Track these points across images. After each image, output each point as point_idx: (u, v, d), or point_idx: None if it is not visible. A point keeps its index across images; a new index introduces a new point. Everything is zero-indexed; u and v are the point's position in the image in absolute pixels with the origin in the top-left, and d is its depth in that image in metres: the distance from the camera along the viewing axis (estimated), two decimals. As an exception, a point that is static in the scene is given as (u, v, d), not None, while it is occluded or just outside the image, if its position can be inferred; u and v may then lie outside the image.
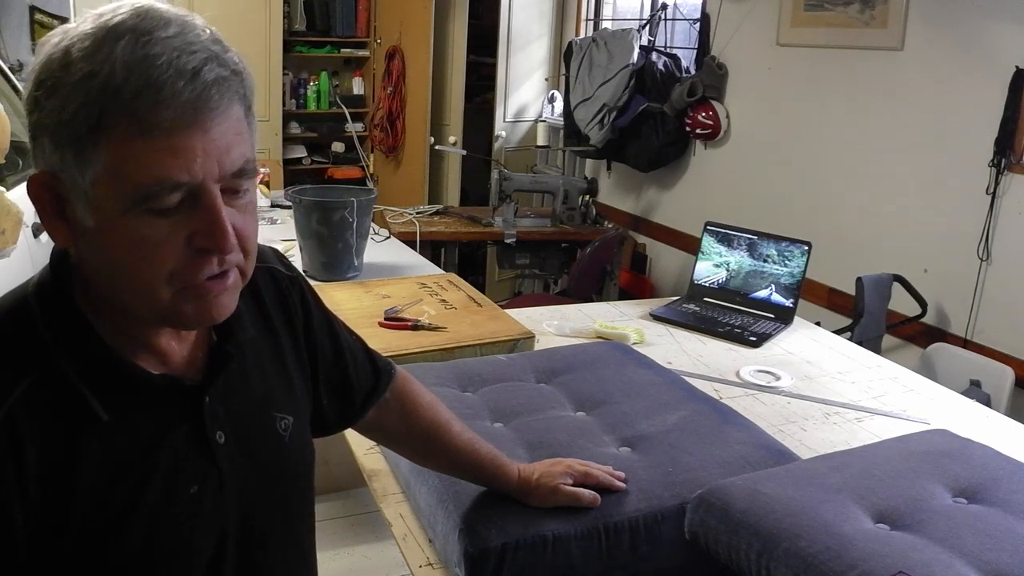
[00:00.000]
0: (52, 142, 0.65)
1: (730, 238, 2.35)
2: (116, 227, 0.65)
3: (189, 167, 0.64)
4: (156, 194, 0.64)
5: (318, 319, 0.95)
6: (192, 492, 0.75)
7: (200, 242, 0.67)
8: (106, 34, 0.63)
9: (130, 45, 0.63)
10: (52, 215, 0.68)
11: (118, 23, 0.64)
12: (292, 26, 5.41)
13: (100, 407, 0.69)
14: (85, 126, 0.63)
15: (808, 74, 3.45)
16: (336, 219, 2.65)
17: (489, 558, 1.09)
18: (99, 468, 0.69)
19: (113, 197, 0.64)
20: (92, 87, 0.62)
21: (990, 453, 1.29)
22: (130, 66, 0.62)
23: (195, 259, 0.68)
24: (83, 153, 0.64)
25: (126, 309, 0.71)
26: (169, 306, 0.69)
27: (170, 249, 0.66)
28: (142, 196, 0.64)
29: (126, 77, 0.62)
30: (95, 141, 0.63)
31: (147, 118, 0.62)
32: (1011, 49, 2.66)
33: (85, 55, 0.63)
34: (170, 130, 0.63)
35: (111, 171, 0.64)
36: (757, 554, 1.04)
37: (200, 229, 0.67)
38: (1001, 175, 2.72)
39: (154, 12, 0.65)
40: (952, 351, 2.83)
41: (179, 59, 0.63)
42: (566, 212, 4.03)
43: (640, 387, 1.53)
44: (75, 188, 0.66)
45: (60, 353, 0.69)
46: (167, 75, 0.62)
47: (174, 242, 0.66)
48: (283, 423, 0.86)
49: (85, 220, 0.66)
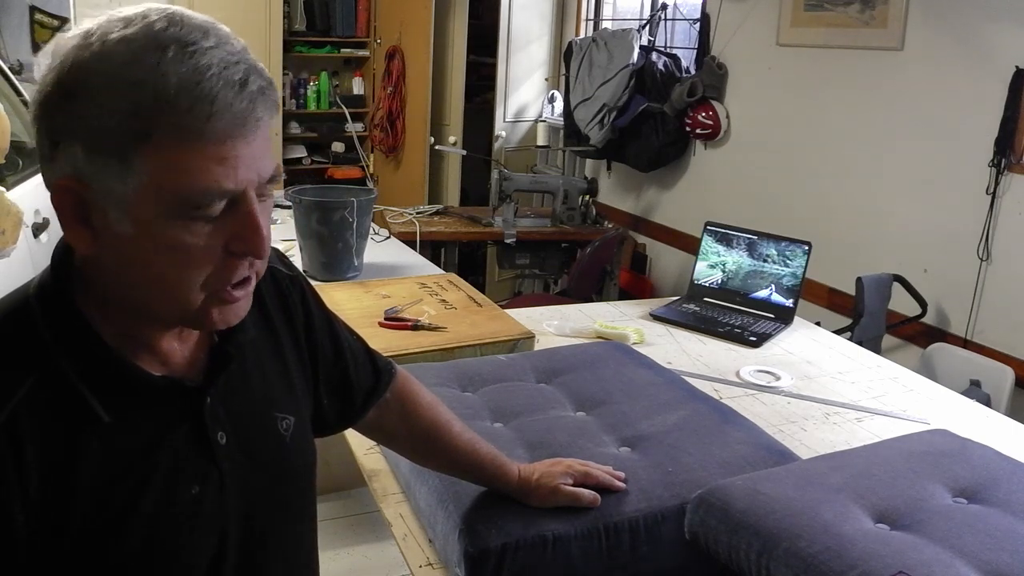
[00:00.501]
0: (87, 148, 0.64)
1: (730, 238, 2.35)
2: (157, 234, 0.66)
3: (235, 175, 0.66)
4: (204, 202, 0.66)
5: (319, 319, 0.95)
6: (193, 493, 0.75)
7: (237, 247, 0.69)
8: (148, 42, 0.63)
9: (178, 55, 0.63)
10: (74, 221, 0.67)
11: (159, 31, 0.64)
12: (292, 26, 5.41)
13: (101, 408, 0.69)
14: (132, 135, 0.63)
15: (808, 74, 3.45)
16: (336, 219, 2.65)
17: (489, 558, 1.09)
18: (100, 469, 0.69)
19: (158, 204, 0.65)
20: (143, 96, 0.62)
21: (990, 453, 1.29)
22: (183, 77, 0.63)
23: (228, 263, 0.69)
24: (127, 161, 0.64)
25: (143, 314, 0.72)
26: (198, 310, 0.70)
27: (208, 254, 0.68)
28: (191, 204, 0.65)
29: (179, 88, 0.62)
30: (142, 150, 0.63)
31: (200, 129, 0.63)
32: (1011, 49, 2.66)
33: (129, 61, 0.63)
34: (220, 140, 0.64)
35: (158, 179, 0.64)
36: (757, 554, 1.04)
37: (238, 235, 0.68)
38: (1001, 175, 2.72)
39: (189, 20, 0.66)
40: (952, 351, 2.83)
41: (226, 71, 0.64)
42: (566, 212, 4.03)
43: (640, 387, 1.53)
44: (110, 195, 0.65)
45: (61, 354, 0.69)
46: (218, 87, 0.63)
47: (212, 248, 0.68)
48: (284, 423, 0.86)
49: (120, 227, 0.66)
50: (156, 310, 0.71)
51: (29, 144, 2.73)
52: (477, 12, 5.35)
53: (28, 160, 2.64)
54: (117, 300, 0.71)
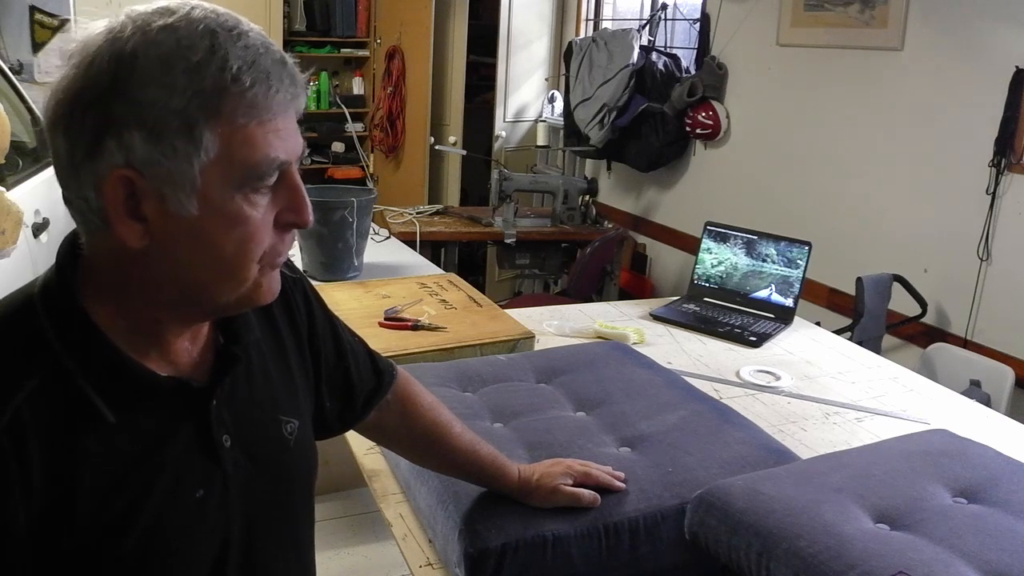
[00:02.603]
0: (148, 134, 0.65)
1: (730, 238, 2.35)
2: (222, 210, 0.68)
3: (287, 146, 0.70)
4: (265, 172, 0.69)
5: (321, 320, 0.95)
6: (197, 496, 0.75)
7: (287, 217, 0.72)
8: (194, 28, 0.66)
9: (229, 38, 0.66)
10: (124, 214, 0.67)
11: (199, 18, 0.67)
12: (292, 26, 5.41)
13: (106, 409, 0.69)
14: (202, 114, 0.65)
15: (808, 74, 3.45)
16: (336, 219, 2.65)
17: (489, 558, 1.09)
18: (104, 470, 0.69)
19: (222, 180, 0.67)
20: (207, 76, 0.65)
21: (990, 453, 1.29)
22: (241, 57, 0.66)
23: (280, 236, 0.73)
24: (196, 140, 0.66)
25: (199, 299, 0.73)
26: (253, 284, 0.73)
27: (265, 228, 0.71)
28: (252, 175, 0.68)
29: (240, 67, 0.66)
30: (212, 127, 0.66)
31: (263, 104, 0.67)
32: (1011, 49, 2.66)
33: (186, 46, 0.65)
34: (277, 113, 0.69)
35: (224, 155, 0.67)
36: (757, 554, 1.04)
37: (287, 206, 0.72)
38: (1001, 175, 2.72)
39: (214, 8, 0.69)
40: (952, 351, 2.83)
41: (269, 51, 0.68)
42: (566, 212, 4.03)
43: (640, 387, 1.53)
44: (173, 177, 0.66)
45: (66, 354, 0.69)
46: (270, 64, 0.68)
47: (267, 221, 0.71)
48: (288, 427, 0.86)
49: (182, 210, 0.67)
50: (213, 291, 0.72)
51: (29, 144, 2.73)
52: (477, 12, 5.35)
53: (28, 160, 2.64)
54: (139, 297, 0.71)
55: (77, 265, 0.72)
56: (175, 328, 0.75)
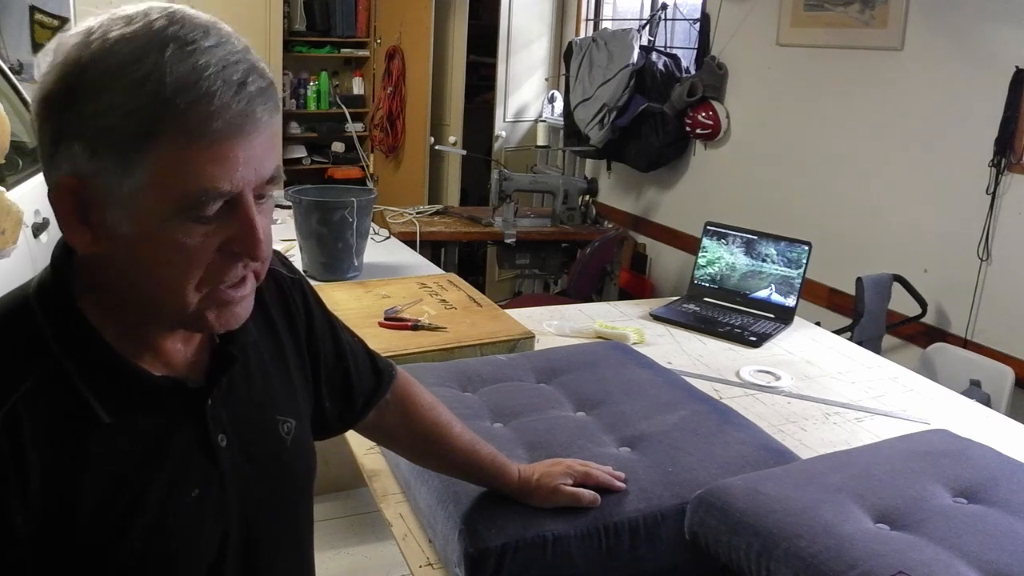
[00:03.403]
0: (88, 147, 0.64)
1: (730, 238, 2.35)
2: (154, 234, 0.66)
3: (231, 177, 0.65)
4: (201, 203, 0.65)
5: (320, 321, 0.95)
6: (194, 495, 0.75)
7: (234, 248, 0.68)
8: (148, 40, 0.63)
9: (177, 54, 0.62)
10: (74, 220, 0.67)
11: (159, 29, 0.63)
12: (292, 26, 5.41)
13: (102, 409, 0.69)
14: (133, 135, 0.63)
15: (808, 74, 3.45)
16: (336, 219, 2.65)
17: (489, 558, 1.09)
18: (101, 470, 0.69)
19: (156, 204, 0.65)
20: (142, 95, 0.62)
21: (990, 453, 1.29)
22: (181, 76, 0.62)
23: (224, 263, 0.69)
24: (128, 161, 0.63)
25: (147, 313, 0.72)
26: (194, 312, 0.70)
27: (204, 255, 0.67)
28: (188, 205, 0.65)
29: (177, 88, 0.62)
30: (143, 149, 0.63)
31: (198, 128, 0.63)
32: (1011, 49, 2.66)
33: (129, 60, 0.62)
34: (217, 141, 0.64)
35: (156, 179, 0.64)
36: (757, 554, 1.04)
37: (235, 236, 0.68)
38: (1001, 175, 2.72)
39: (190, 19, 0.65)
40: (952, 351, 2.83)
41: (225, 70, 0.64)
42: (566, 212, 4.03)
43: (640, 387, 1.53)
44: (111, 194, 0.65)
45: (62, 354, 0.69)
46: (216, 87, 0.63)
47: (208, 248, 0.67)
48: (285, 427, 0.86)
49: (120, 227, 0.66)
50: (155, 310, 0.71)
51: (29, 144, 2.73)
52: (477, 12, 5.35)
53: (28, 160, 2.64)
54: (119, 299, 0.71)
55: (72, 265, 0.72)
56: (159, 330, 0.74)
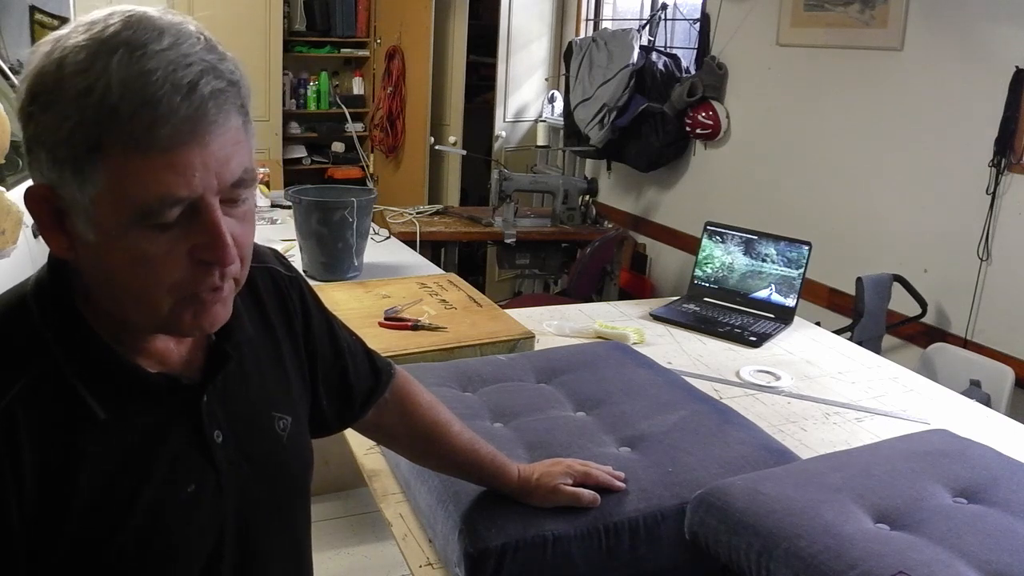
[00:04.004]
0: (50, 158, 0.64)
1: (730, 238, 2.35)
2: (117, 242, 0.65)
3: (188, 182, 0.64)
4: (156, 210, 0.64)
5: (317, 319, 0.95)
6: (190, 491, 0.75)
7: (201, 255, 0.67)
8: (99, 47, 0.62)
9: (124, 60, 0.61)
10: (50, 227, 0.67)
11: (111, 35, 0.62)
12: (292, 26, 5.41)
13: (98, 406, 0.69)
14: (84, 145, 0.62)
15: (808, 74, 3.44)
16: (336, 219, 2.65)
17: (489, 558, 1.09)
18: (97, 466, 0.69)
19: (114, 214, 0.64)
20: (88, 105, 0.61)
21: (990, 453, 1.29)
22: (126, 83, 0.61)
23: (196, 271, 0.68)
24: (82, 171, 0.63)
25: (125, 317, 0.71)
26: (168, 316, 0.69)
27: (172, 263, 0.66)
28: (143, 213, 0.64)
29: (122, 95, 0.61)
30: (94, 160, 0.62)
31: (145, 136, 0.61)
32: (1011, 49, 2.66)
33: (78, 70, 0.62)
34: (168, 147, 0.62)
35: (111, 189, 0.63)
36: (757, 554, 1.04)
37: (201, 243, 0.66)
38: (1001, 175, 2.72)
39: (147, 22, 0.64)
40: (952, 351, 2.83)
41: (175, 73, 0.62)
42: (566, 212, 4.03)
43: (640, 387, 1.53)
44: (75, 203, 0.65)
45: (58, 352, 0.69)
46: (163, 91, 0.61)
47: (176, 255, 0.66)
48: (281, 423, 0.86)
49: (86, 235, 0.66)
50: (131, 316, 0.71)
51: (27, 148, 2.73)
52: (477, 12, 5.35)
53: (28, 160, 2.64)
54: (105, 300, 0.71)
55: (69, 264, 0.72)
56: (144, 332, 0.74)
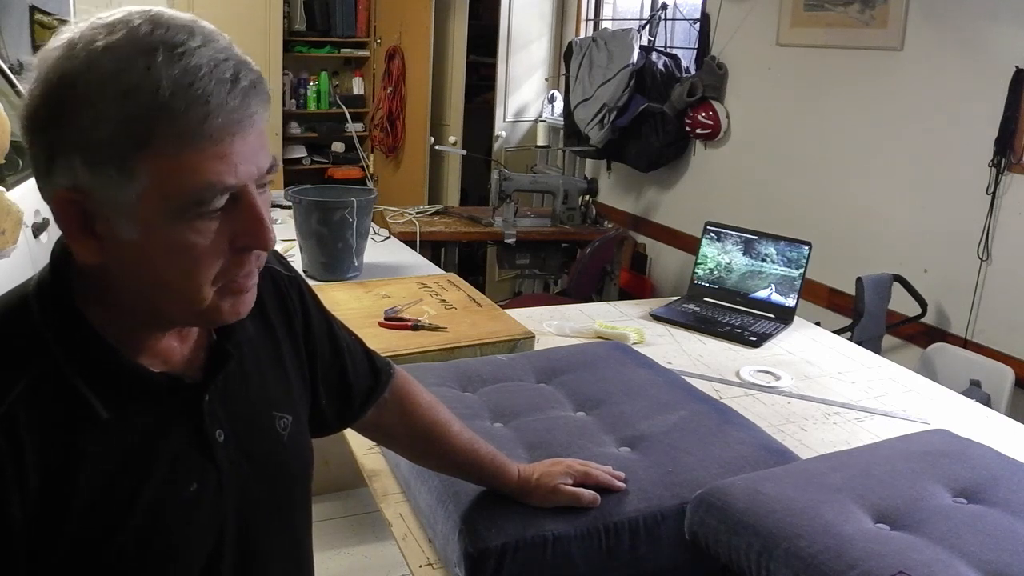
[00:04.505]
0: (86, 160, 0.64)
1: (730, 238, 2.35)
2: (162, 237, 0.66)
3: (235, 171, 0.66)
4: (207, 200, 0.66)
5: (317, 319, 0.95)
6: (191, 490, 0.75)
7: (243, 241, 0.70)
8: (134, 48, 0.63)
9: (168, 58, 0.63)
10: (78, 231, 0.67)
11: (144, 35, 0.64)
12: (292, 26, 5.41)
13: (100, 405, 0.70)
14: (130, 143, 0.63)
15: (808, 74, 3.45)
16: (336, 219, 2.65)
17: (489, 558, 1.09)
18: (99, 466, 0.69)
19: (161, 208, 0.65)
20: (138, 104, 0.62)
21: (990, 453, 1.29)
22: (176, 80, 0.62)
23: (235, 259, 0.70)
24: (128, 169, 0.64)
25: (156, 313, 0.72)
26: (209, 307, 0.71)
27: (215, 251, 0.68)
28: (193, 202, 0.65)
29: (173, 91, 0.62)
30: (142, 157, 0.63)
31: (198, 130, 0.64)
32: (1011, 49, 2.66)
33: (117, 70, 0.62)
34: (218, 139, 0.65)
35: (159, 184, 0.64)
36: (757, 554, 1.04)
37: (243, 229, 0.69)
38: (1001, 175, 2.72)
39: (171, 20, 0.65)
40: (952, 351, 2.83)
41: (216, 69, 0.64)
42: (566, 212, 4.03)
43: (640, 387, 1.53)
44: (113, 204, 0.65)
45: (60, 351, 0.69)
46: (211, 86, 0.64)
47: (219, 244, 0.68)
48: (282, 423, 0.86)
49: (126, 234, 0.66)
50: (167, 311, 0.72)
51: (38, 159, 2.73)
52: (477, 12, 5.35)
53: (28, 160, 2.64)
54: (121, 303, 0.71)
55: (71, 263, 0.72)
56: (157, 330, 0.75)
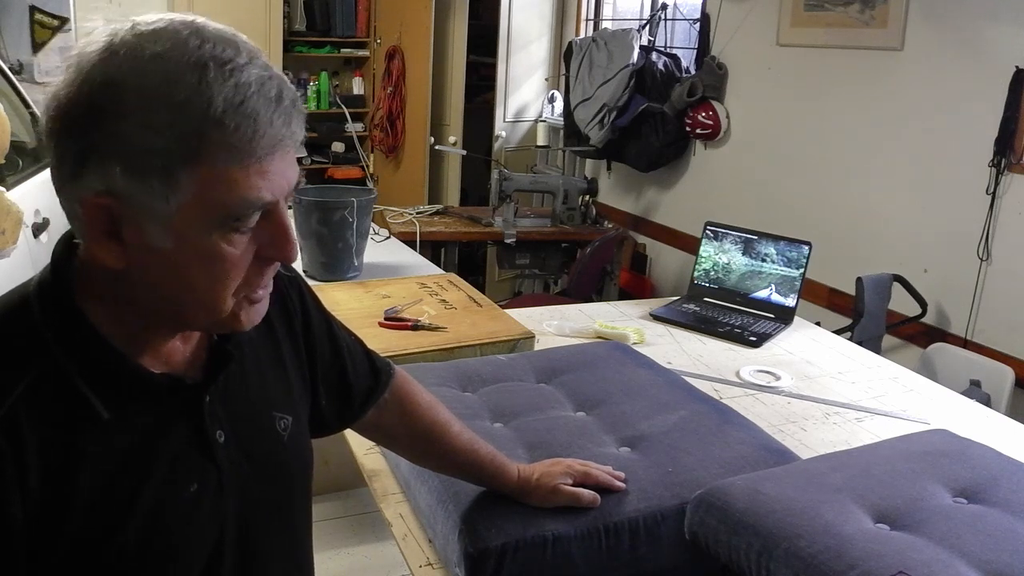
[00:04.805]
0: (128, 168, 0.64)
1: (730, 238, 2.35)
2: (195, 246, 0.67)
3: (272, 187, 0.68)
4: (246, 214, 0.67)
5: (316, 319, 0.96)
6: (192, 490, 0.75)
7: (268, 253, 0.71)
8: (185, 60, 0.63)
9: (219, 75, 0.64)
10: (104, 236, 0.67)
11: (193, 48, 0.64)
12: (292, 26, 5.41)
13: (101, 405, 0.69)
14: (180, 156, 0.64)
15: (808, 74, 3.45)
16: (336, 219, 2.65)
17: (489, 558, 1.09)
18: (99, 466, 0.69)
19: (199, 221, 0.66)
20: (190, 118, 0.63)
21: (990, 453, 1.29)
22: (228, 97, 0.63)
23: (257, 269, 0.72)
24: (173, 180, 0.64)
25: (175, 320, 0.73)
26: (229, 315, 0.72)
27: (242, 263, 0.70)
28: (232, 216, 0.67)
29: (225, 108, 0.63)
30: (189, 169, 0.64)
31: (246, 147, 0.65)
32: (1011, 49, 2.66)
33: (168, 81, 0.63)
34: (262, 156, 0.66)
35: (201, 197, 0.65)
36: (757, 554, 1.04)
37: (270, 242, 0.71)
38: (1001, 175, 2.72)
39: (217, 35, 0.66)
40: (952, 351, 2.83)
41: (264, 87, 0.65)
42: (566, 212, 4.03)
43: (640, 387, 1.53)
44: (149, 212, 0.65)
45: (60, 352, 0.69)
46: (259, 105, 0.65)
47: (247, 256, 0.70)
48: (282, 423, 0.86)
49: (158, 242, 0.66)
50: (186, 318, 0.73)
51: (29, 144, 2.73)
52: (477, 12, 5.35)
53: (28, 160, 2.64)
54: (133, 305, 0.71)
55: (72, 264, 0.72)
56: (164, 332, 0.75)
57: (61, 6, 4.16)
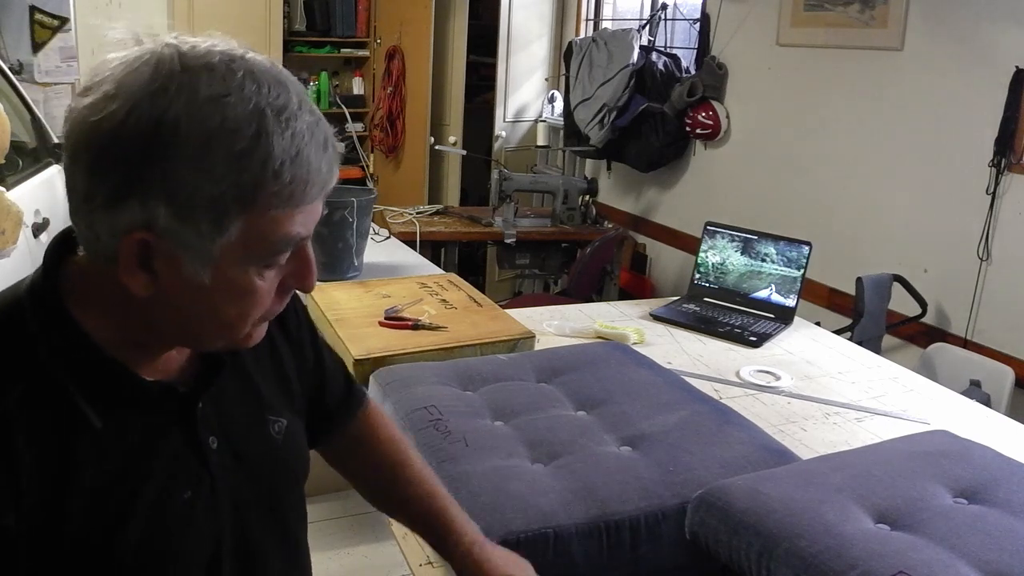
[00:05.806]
0: (177, 209, 0.63)
1: (730, 238, 2.35)
2: (231, 280, 0.68)
3: (308, 223, 0.70)
4: (284, 250, 0.70)
5: (307, 330, 0.96)
6: (185, 497, 0.75)
7: (291, 283, 0.74)
8: (244, 106, 0.63)
9: (277, 125, 0.64)
10: (136, 267, 0.66)
11: (251, 93, 0.64)
12: (292, 26, 5.41)
13: (93, 414, 0.69)
14: (233, 203, 0.64)
15: (808, 74, 3.45)
16: (336, 219, 2.65)
17: (489, 558, 1.09)
18: (92, 475, 0.68)
19: (240, 258, 0.67)
20: (249, 171, 0.63)
21: (990, 454, 1.29)
22: (286, 150, 0.64)
23: (277, 296, 0.74)
24: (222, 224, 0.65)
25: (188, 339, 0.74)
26: (244, 336, 0.74)
27: (271, 295, 0.72)
28: (272, 253, 0.69)
29: (283, 161, 0.64)
30: (240, 213, 0.65)
31: (300, 196, 0.66)
32: (1011, 49, 2.66)
33: (227, 130, 0.62)
34: (309, 200, 0.68)
35: (246, 238, 0.66)
36: (757, 554, 1.04)
37: (294, 272, 0.73)
38: (1001, 175, 2.72)
39: (265, 74, 0.66)
40: (952, 351, 2.83)
41: (314, 136, 0.67)
42: (566, 212, 4.03)
43: (640, 387, 1.53)
44: (192, 250, 0.65)
45: (52, 361, 0.68)
46: (312, 154, 0.66)
47: (273, 287, 0.72)
48: (276, 426, 0.86)
49: (194, 276, 0.66)
50: (205, 341, 0.74)
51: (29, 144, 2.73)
52: (477, 12, 5.35)
53: (28, 160, 2.64)
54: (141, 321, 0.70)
55: (64, 268, 0.71)
56: (168, 346, 0.75)
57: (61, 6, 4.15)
